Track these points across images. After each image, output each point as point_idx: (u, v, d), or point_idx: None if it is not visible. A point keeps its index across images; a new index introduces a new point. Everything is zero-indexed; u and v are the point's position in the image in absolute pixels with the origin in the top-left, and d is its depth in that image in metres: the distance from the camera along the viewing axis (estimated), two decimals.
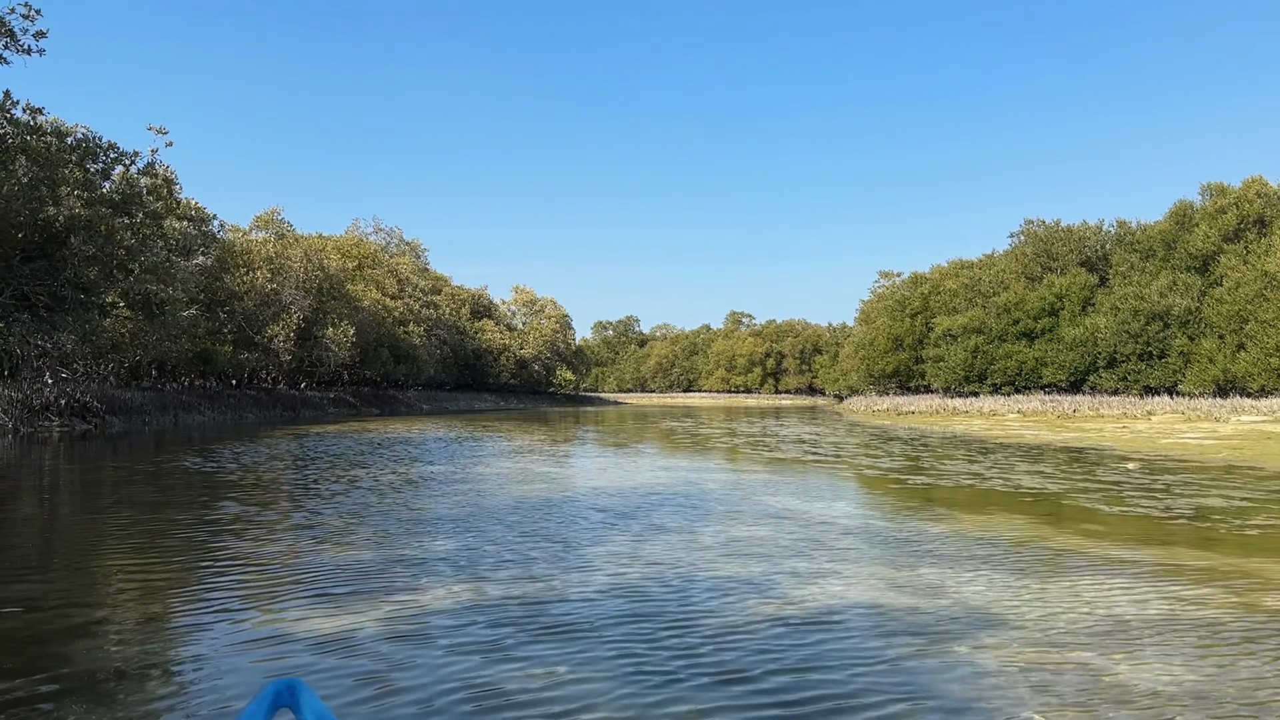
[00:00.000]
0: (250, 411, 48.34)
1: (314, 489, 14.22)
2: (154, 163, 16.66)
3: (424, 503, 12.63)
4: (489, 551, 8.93)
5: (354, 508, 11.96)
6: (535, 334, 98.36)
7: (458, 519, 11.07)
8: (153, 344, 37.83)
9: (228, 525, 10.44)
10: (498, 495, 13.60)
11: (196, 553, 9.10)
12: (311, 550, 8.91)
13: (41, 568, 8.45)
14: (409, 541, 9.44)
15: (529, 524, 10.71)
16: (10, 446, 25.01)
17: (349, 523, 10.67)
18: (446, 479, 15.98)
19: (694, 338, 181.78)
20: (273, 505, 12.28)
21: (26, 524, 11.04)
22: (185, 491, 13.93)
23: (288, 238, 56.77)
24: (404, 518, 11.12)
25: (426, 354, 70.09)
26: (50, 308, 15.08)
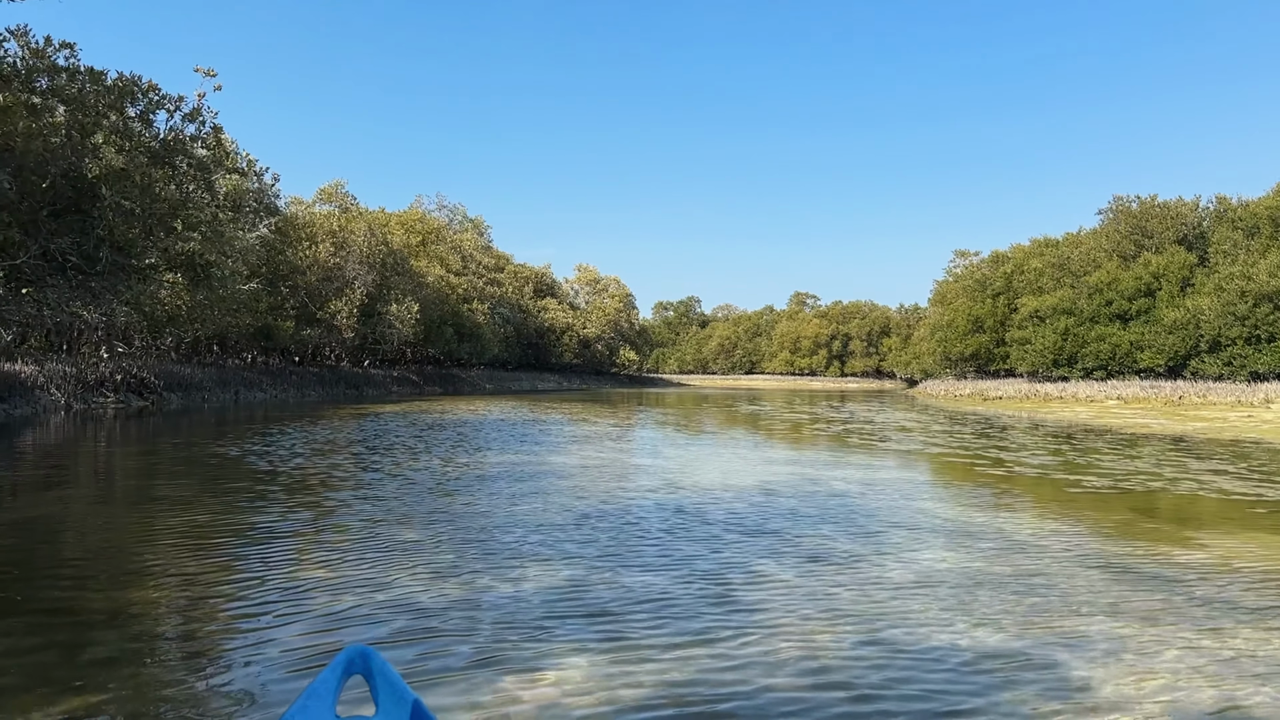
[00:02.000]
0: (313, 389, 47.03)
1: (373, 486, 12.12)
2: (200, 108, 14.69)
3: (503, 506, 10.40)
4: (607, 595, 6.62)
5: (414, 511, 9.79)
6: (598, 313, 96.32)
7: (549, 535, 8.79)
8: (212, 318, 36.42)
9: (276, 521, 8.34)
10: (592, 496, 11.33)
11: (245, 546, 7.30)
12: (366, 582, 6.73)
13: (90, 551, 6.80)
14: (486, 571, 7.17)
15: (648, 544, 8.39)
16: (63, 424, 23.60)
17: (410, 542, 8.48)
18: (526, 473, 13.77)
19: (757, 319, 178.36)
20: (327, 500, 10.19)
21: (60, 509, 9.13)
22: (235, 478, 11.95)
23: (351, 211, 55.28)
24: (475, 529, 8.89)
25: (490, 332, 68.41)
26: (83, 270, 13.15)
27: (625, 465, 15.02)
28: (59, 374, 28.75)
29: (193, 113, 14.60)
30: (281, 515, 9.36)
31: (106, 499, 10.78)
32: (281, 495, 10.82)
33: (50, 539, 8.12)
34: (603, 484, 12.42)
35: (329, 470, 13.52)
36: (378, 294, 51.95)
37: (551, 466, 14.53)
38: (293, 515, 9.39)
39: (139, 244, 13.36)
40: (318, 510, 9.77)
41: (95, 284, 13.50)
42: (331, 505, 10.10)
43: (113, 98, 13.29)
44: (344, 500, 10.48)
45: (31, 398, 26.12)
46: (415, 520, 9.15)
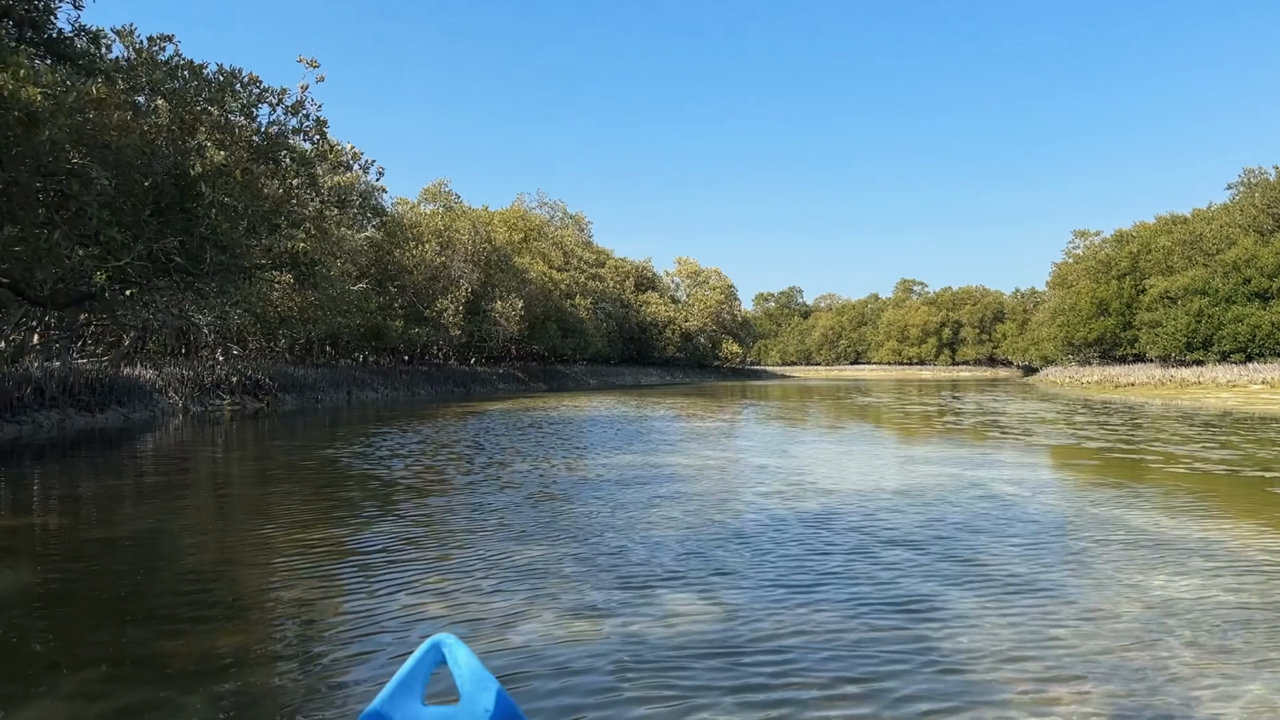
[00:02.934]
0: (422, 388, 47.29)
1: (484, 493, 11.30)
2: (303, 100, 14.18)
3: (625, 517, 9.40)
4: (768, 631, 5.53)
5: (530, 524, 8.86)
6: (700, 306, 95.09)
7: (685, 555, 7.73)
8: (323, 319, 36.72)
9: (387, 539, 7.54)
10: (721, 504, 10.24)
11: (357, 568, 6.67)
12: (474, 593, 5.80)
13: (206, 564, 6.23)
14: (622, 606, 6.16)
15: (797, 564, 7.26)
16: (181, 427, 23.80)
17: (531, 564, 7.54)
18: (643, 476, 12.77)
19: (861, 308, 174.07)
20: (437, 510, 9.38)
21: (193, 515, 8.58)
22: (348, 486, 11.32)
23: (455, 210, 55.50)
24: (598, 545, 7.89)
25: (593, 327, 68.01)
26: (189, 271, 12.75)
27: (749, 466, 13.88)
28: (177, 377, 29.21)
29: (295, 105, 14.10)
30: (392, 529, 8.57)
31: (224, 509, 10.24)
32: (392, 506, 10.07)
33: (170, 550, 7.49)
34: (729, 490, 11.32)
35: (439, 476, 12.80)
36: (482, 292, 51.98)
37: (669, 469, 13.51)
38: (404, 529, 8.59)
39: (243, 243, 12.91)
40: (429, 524, 8.96)
41: (201, 285, 13.15)
42: (442, 516, 9.28)
43: (213, 92, 12.87)
44: (454, 510, 9.66)
45: (150, 401, 26.52)
46: (533, 535, 8.23)
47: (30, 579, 6.52)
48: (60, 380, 22.12)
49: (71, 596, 6.04)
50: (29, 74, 8.93)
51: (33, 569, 6.87)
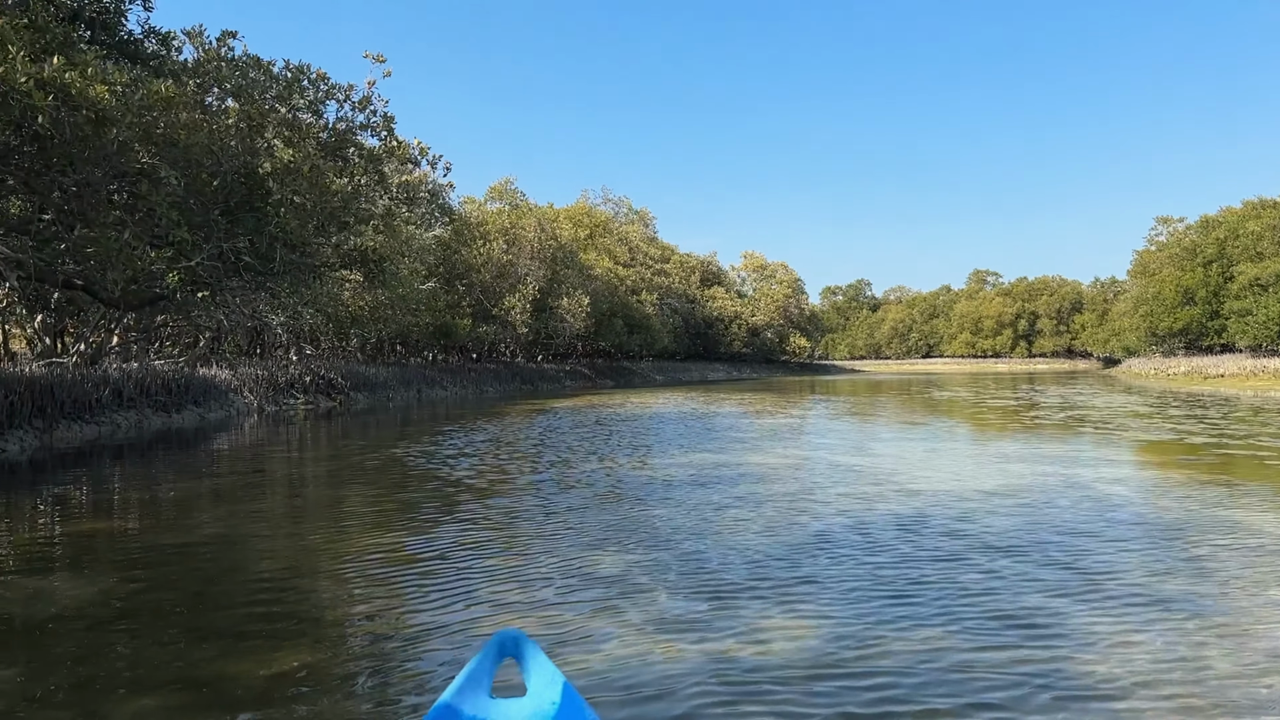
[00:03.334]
0: (490, 385, 47.46)
1: (556, 496, 10.96)
2: (370, 96, 14.03)
3: (706, 522, 8.95)
4: (885, 665, 5.04)
5: (606, 529, 8.47)
6: (767, 300, 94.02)
7: (775, 566, 7.26)
8: (393, 318, 36.99)
9: (458, 545, 7.23)
10: (808, 507, 9.72)
11: (429, 576, 6.55)
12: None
13: (280, 571, 6.10)
14: (712, 624, 5.72)
15: (903, 576, 6.74)
16: (256, 426, 24.05)
17: (611, 575, 7.15)
18: (721, 476, 12.30)
19: (933, 300, 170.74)
20: (509, 514, 9.05)
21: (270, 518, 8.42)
22: (419, 487, 11.10)
23: (521, 207, 55.62)
24: (678, 554, 7.46)
25: (659, 323, 67.61)
26: (259, 271, 12.67)
27: (828, 465, 13.31)
28: (252, 377, 29.60)
29: (362, 101, 13.96)
30: (460, 534, 8.26)
31: (295, 512, 10.07)
32: (460, 508, 9.79)
33: (240, 558, 7.29)
34: (809, 490, 10.79)
35: (506, 476, 12.52)
36: (549, 289, 51.98)
37: (744, 468, 13.01)
38: (471, 534, 8.27)
39: (312, 241, 12.80)
40: (496, 528, 8.62)
41: (273, 284, 13.08)
42: (509, 519, 8.94)
43: (281, 88, 12.78)
44: (521, 512, 9.32)
45: (226, 401, 26.89)
46: (603, 540, 7.83)
47: (97, 590, 6.34)
48: (138, 381, 22.47)
49: (137, 610, 5.83)
50: (97, 72, 8.86)
51: (101, 578, 6.71)
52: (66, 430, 18.13)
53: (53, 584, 6.45)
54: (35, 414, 17.30)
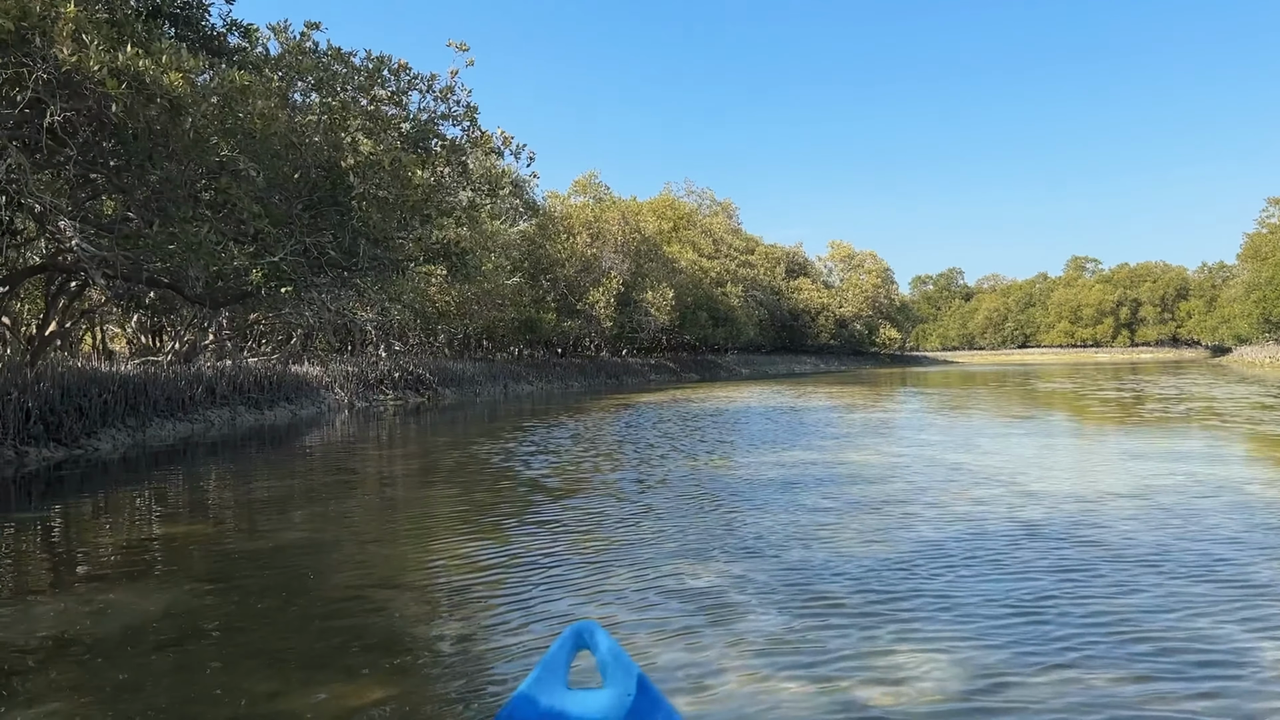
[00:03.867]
0: (575, 380, 47.30)
1: (646, 499, 10.37)
2: (453, 85, 13.64)
3: (811, 529, 8.25)
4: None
5: (703, 537, 7.82)
6: (855, 290, 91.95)
7: (899, 584, 6.54)
8: (480, 313, 37.00)
9: (547, 553, 6.70)
10: (924, 513, 8.92)
11: (516, 589, 5.99)
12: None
13: (360, 573, 5.57)
14: (838, 657, 5.03)
15: (1051, 598, 5.93)
16: (346, 422, 24.15)
17: (712, 591, 6.51)
18: (820, 476, 11.54)
19: (1029, 288, 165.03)
20: (601, 519, 8.49)
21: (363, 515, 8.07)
22: (506, 487, 10.67)
23: (605, 201, 55.30)
24: (786, 567, 6.77)
25: (745, 315, 66.57)
26: (344, 266, 12.40)
27: (941, 465, 12.42)
28: (342, 374, 29.86)
29: (445, 91, 13.59)
30: (546, 542, 7.72)
31: (381, 515, 9.71)
32: (546, 511, 9.27)
33: (319, 569, 6.90)
34: (922, 492, 9.96)
35: (592, 476, 11.98)
36: (633, 282, 51.54)
37: (845, 467, 12.22)
38: (558, 540, 7.73)
39: (395, 235, 12.47)
40: (582, 536, 8.06)
41: (357, 280, 12.82)
42: (596, 527, 8.36)
43: (362, 79, 12.48)
44: (609, 519, 8.74)
45: (317, 397, 27.12)
46: (709, 553, 7.18)
47: (160, 606, 5.98)
48: (230, 379, 22.73)
49: (199, 632, 5.42)
50: (171, 59, 8.62)
51: (168, 591, 6.36)
52: (159, 428, 18.33)
53: (113, 597, 6.12)
54: (128, 412, 17.50)
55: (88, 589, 6.32)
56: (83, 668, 4.70)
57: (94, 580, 6.61)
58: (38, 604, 5.91)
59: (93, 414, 16.03)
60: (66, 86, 8.29)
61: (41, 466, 13.15)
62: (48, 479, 12.11)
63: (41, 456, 13.75)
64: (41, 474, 12.47)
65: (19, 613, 5.70)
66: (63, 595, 6.15)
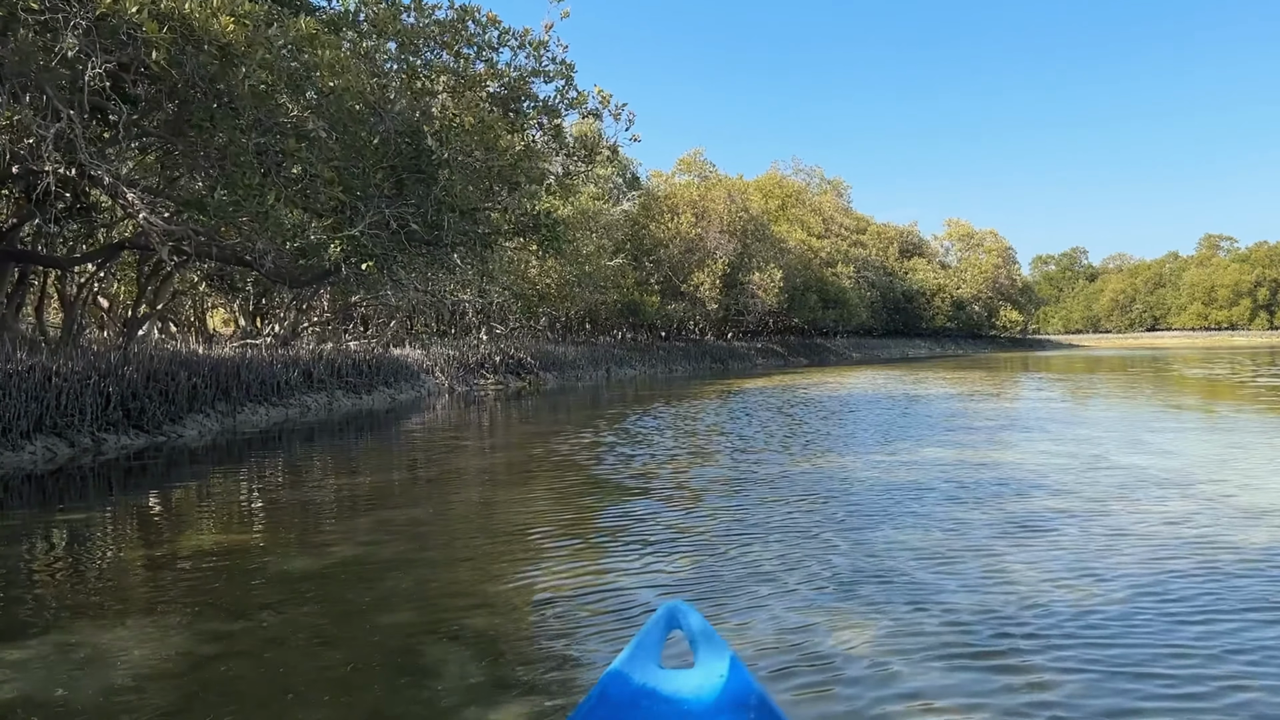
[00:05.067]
0: (679, 364, 45.97)
1: (763, 507, 8.91)
2: (547, 40, 12.33)
3: (967, 551, 6.65)
4: None
5: (837, 558, 6.29)
6: (974, 270, 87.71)
7: (1104, 635, 4.92)
8: (581, 295, 36.00)
9: (650, 555, 5.34)
10: (1108, 537, 7.20)
11: (608, 592, 4.93)
12: None
13: (444, 594, 5.01)
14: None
15: None
16: (446, 407, 23.42)
17: (846, 626, 5.01)
18: (960, 480, 9.85)
19: (1158, 268, 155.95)
20: (710, 530, 7.07)
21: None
22: (607, 486, 9.39)
23: (710, 179, 53.62)
24: (947, 604, 5.20)
25: (857, 297, 63.94)
26: (428, 241, 11.27)
27: (1113, 468, 10.54)
28: (443, 357, 29.22)
29: (537, 46, 12.28)
30: (651, 563, 6.34)
31: (476, 520, 8.55)
32: (654, 516, 7.90)
33: (397, 590, 5.71)
34: (1113, 510, 8.18)
35: (704, 472, 10.56)
36: (739, 263, 49.79)
37: (996, 471, 10.46)
38: (665, 567, 6.33)
39: (481, 205, 11.27)
40: (693, 561, 6.63)
41: (445, 256, 11.72)
42: (710, 552, 6.91)
43: (445, 35, 11.31)
44: (732, 529, 7.30)
45: (417, 382, 26.50)
46: (853, 582, 5.68)
47: (200, 639, 4.83)
48: (328, 362, 22.17)
49: (245, 675, 4.24)
50: (224, 3, 7.57)
51: (218, 619, 5.23)
52: (252, 413, 17.75)
53: (95, 641, 5.01)
54: (220, 397, 16.93)
55: (64, 631, 5.23)
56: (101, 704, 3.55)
57: (77, 616, 5.53)
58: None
59: (180, 399, 15.44)
60: (107, 35, 7.35)
61: (120, 455, 12.51)
62: (122, 469, 11.40)
63: (120, 444, 13.13)
64: (117, 464, 11.79)
65: None
66: (24, 643, 5.08)
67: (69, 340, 15.50)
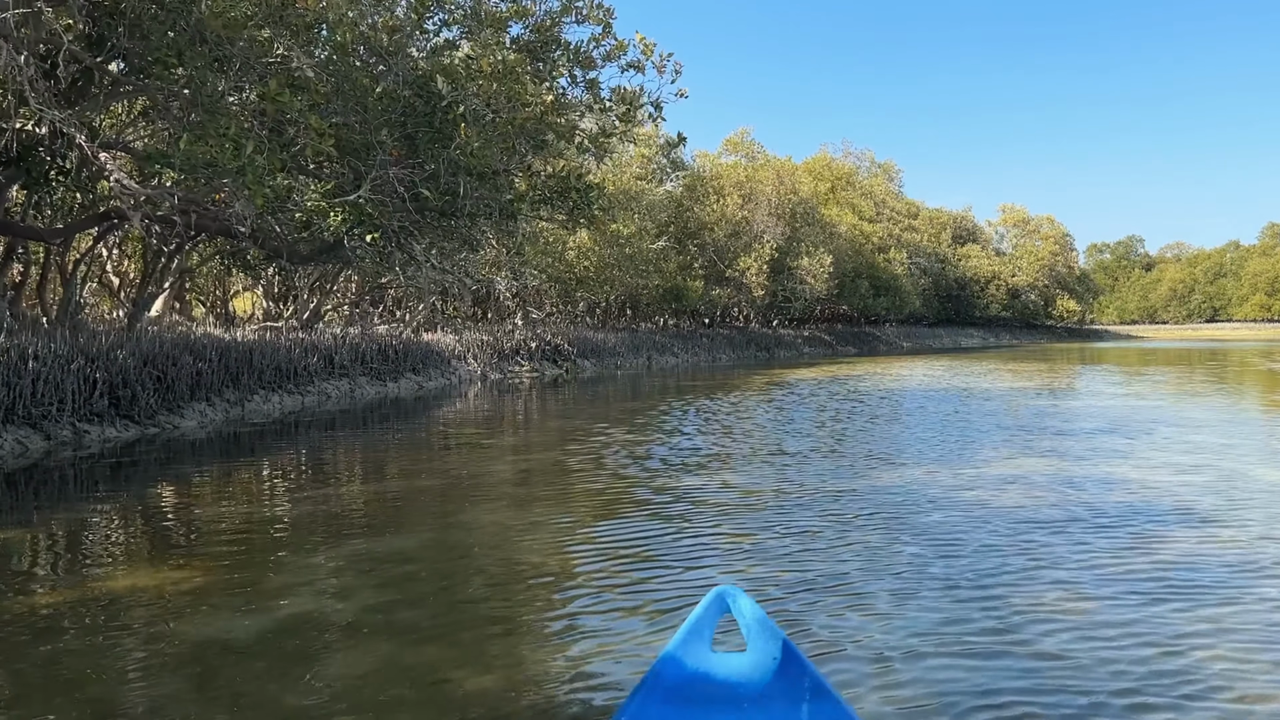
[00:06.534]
0: (723, 352, 44.18)
1: (826, 531, 7.22)
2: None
3: (1079, 598, 4.91)
4: None
5: (910, 595, 4.58)
6: (1029, 258, 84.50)
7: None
8: (621, 279, 34.37)
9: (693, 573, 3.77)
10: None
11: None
12: None
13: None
14: None
15: None
16: (479, 395, 21.99)
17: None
18: (1084, 502, 8.08)
19: (1218, 257, 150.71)
20: (763, 559, 5.42)
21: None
22: (643, 494, 7.78)
23: (758, 160, 51.57)
24: (1065, 666, 3.47)
25: (910, 284, 61.54)
26: (444, 211, 9.68)
27: (1248, 484, 8.69)
28: (476, 343, 27.79)
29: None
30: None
31: (504, 530, 6.99)
32: (705, 536, 6.24)
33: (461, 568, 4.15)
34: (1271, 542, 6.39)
35: (753, 485, 8.88)
36: (787, 247, 47.75)
37: (1113, 490, 8.65)
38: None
39: (502, 167, 9.63)
40: (753, 575, 4.96)
41: (462, 228, 10.14)
42: (764, 565, 5.25)
43: None
44: (789, 559, 5.62)
45: (448, 368, 25.08)
46: (939, 627, 4.00)
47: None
48: (352, 348, 20.80)
49: None
50: None
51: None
52: (264, 402, 16.38)
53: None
54: (228, 384, 15.57)
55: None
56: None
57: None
58: None
59: (179, 386, 14.08)
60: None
61: (103, 449, 11.13)
62: (98, 466, 10.00)
63: (104, 437, 11.74)
64: (95, 460, 10.39)
65: None
66: None
67: (64, 320, 14.19)
